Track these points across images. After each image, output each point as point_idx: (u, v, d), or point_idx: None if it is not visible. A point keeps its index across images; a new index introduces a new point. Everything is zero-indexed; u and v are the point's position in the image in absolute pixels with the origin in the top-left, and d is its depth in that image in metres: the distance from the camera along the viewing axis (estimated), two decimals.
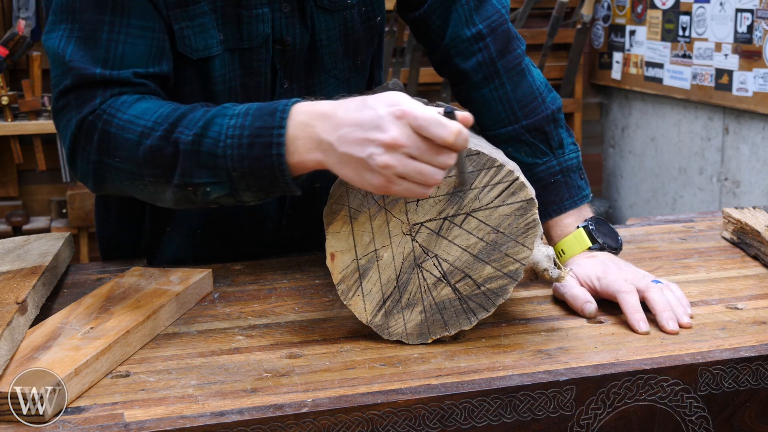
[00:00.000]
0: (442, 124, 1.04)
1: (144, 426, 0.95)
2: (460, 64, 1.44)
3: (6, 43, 3.28)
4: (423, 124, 1.04)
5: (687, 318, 1.22)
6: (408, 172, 1.06)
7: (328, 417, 0.99)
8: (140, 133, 1.18)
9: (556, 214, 1.40)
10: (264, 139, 1.12)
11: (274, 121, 1.13)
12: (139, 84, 1.24)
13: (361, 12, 1.46)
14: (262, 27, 1.35)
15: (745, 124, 3.43)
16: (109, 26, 1.23)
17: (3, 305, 1.16)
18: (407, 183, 1.07)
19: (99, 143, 1.21)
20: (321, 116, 1.11)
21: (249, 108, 1.16)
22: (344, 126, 1.08)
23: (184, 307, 1.29)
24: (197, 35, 1.30)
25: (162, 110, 1.19)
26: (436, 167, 1.07)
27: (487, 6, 1.44)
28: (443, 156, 1.06)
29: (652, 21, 3.82)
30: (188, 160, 1.15)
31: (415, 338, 1.17)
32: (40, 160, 3.48)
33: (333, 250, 1.17)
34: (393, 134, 1.05)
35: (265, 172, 1.13)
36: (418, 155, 1.06)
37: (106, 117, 1.21)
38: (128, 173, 1.20)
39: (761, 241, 1.48)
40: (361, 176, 1.08)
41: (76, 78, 1.22)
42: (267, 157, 1.13)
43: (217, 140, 1.14)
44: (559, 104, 1.44)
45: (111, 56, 1.23)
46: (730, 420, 1.12)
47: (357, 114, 1.08)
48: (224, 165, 1.14)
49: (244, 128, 1.14)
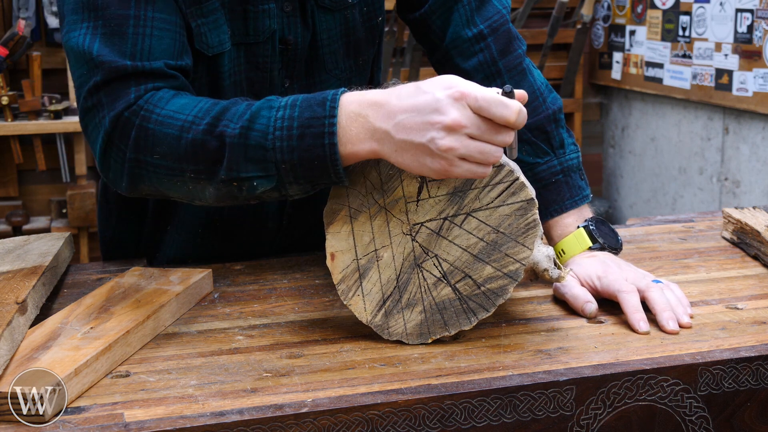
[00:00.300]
0: (504, 104, 1.05)
1: (144, 426, 0.95)
2: (460, 64, 1.44)
3: (6, 43, 3.28)
4: (484, 104, 1.04)
5: (687, 318, 1.22)
6: (470, 152, 1.06)
7: (328, 417, 0.99)
8: (180, 127, 1.15)
9: (557, 213, 1.40)
10: (315, 130, 1.11)
11: (325, 111, 1.11)
12: (172, 76, 1.22)
13: (362, 12, 1.46)
14: (269, 22, 1.35)
15: (745, 124, 3.43)
16: (134, 20, 1.21)
17: (3, 305, 1.16)
18: (468, 164, 1.07)
19: (136, 140, 1.17)
20: (373, 105, 1.10)
21: (296, 99, 1.14)
22: (400, 113, 1.07)
23: (184, 307, 1.29)
24: (212, 32, 1.30)
25: (201, 105, 1.17)
26: (497, 145, 1.07)
27: (488, 6, 1.44)
28: (503, 134, 1.06)
29: (652, 21, 3.82)
30: (235, 153, 1.13)
31: (415, 338, 1.17)
32: (40, 160, 3.48)
33: (333, 250, 1.17)
34: (454, 116, 1.04)
35: (317, 162, 1.11)
36: (479, 135, 1.06)
37: (144, 113, 1.17)
38: (167, 170, 1.17)
39: (761, 241, 1.48)
40: (421, 162, 1.07)
41: (107, 72, 1.19)
42: (319, 147, 1.11)
43: (265, 133, 1.12)
44: (559, 104, 1.44)
45: (139, 50, 1.20)
46: (730, 420, 1.12)
47: (412, 100, 1.07)
48: (273, 158, 1.12)
49: (293, 119, 1.12)
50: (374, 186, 1.16)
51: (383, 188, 1.16)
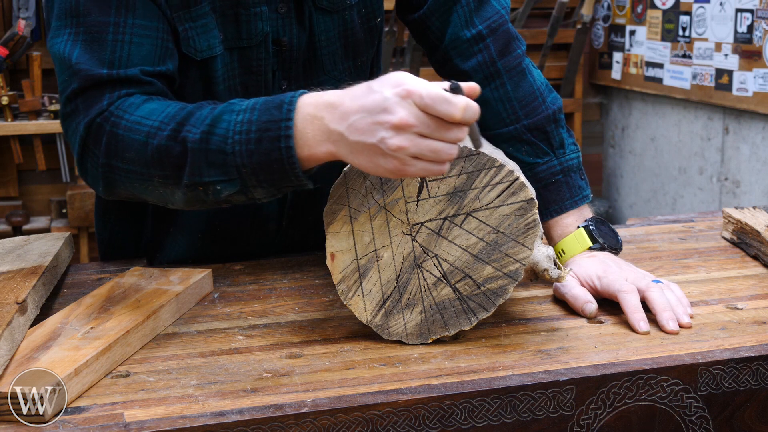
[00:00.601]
0: (448, 101, 1.03)
1: (144, 426, 0.95)
2: (460, 64, 1.44)
3: (6, 43, 3.28)
4: (429, 102, 1.03)
5: (687, 318, 1.22)
6: (421, 151, 1.05)
7: (328, 417, 0.99)
8: (147, 133, 1.17)
9: (557, 213, 1.40)
10: (272, 133, 1.11)
11: (282, 114, 1.11)
12: (147, 82, 1.23)
13: (360, 13, 1.46)
14: (261, 25, 1.35)
15: (745, 124, 3.43)
16: (114, 27, 1.23)
17: (3, 305, 1.16)
18: (422, 162, 1.06)
19: (107, 146, 1.19)
20: (328, 106, 1.09)
21: (256, 102, 1.14)
22: (352, 114, 1.07)
23: (184, 307, 1.29)
24: (200, 36, 1.30)
25: (169, 110, 1.18)
26: (449, 142, 1.06)
27: (487, 7, 1.44)
28: (453, 131, 1.05)
29: (652, 21, 3.82)
30: (197, 158, 1.14)
31: (415, 338, 1.17)
32: (40, 160, 3.48)
33: (333, 250, 1.17)
34: (401, 115, 1.04)
35: (275, 166, 1.12)
36: (429, 133, 1.04)
37: (114, 119, 1.19)
38: (137, 175, 1.19)
39: (761, 241, 1.48)
40: (375, 162, 1.07)
41: (83, 80, 1.21)
42: (276, 150, 1.11)
43: (225, 137, 1.13)
44: (559, 104, 1.44)
45: (117, 57, 1.22)
46: (730, 420, 1.12)
47: (363, 100, 1.07)
48: (233, 162, 1.13)
49: (252, 123, 1.12)
50: (374, 186, 1.16)
51: (383, 188, 1.16)
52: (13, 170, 3.63)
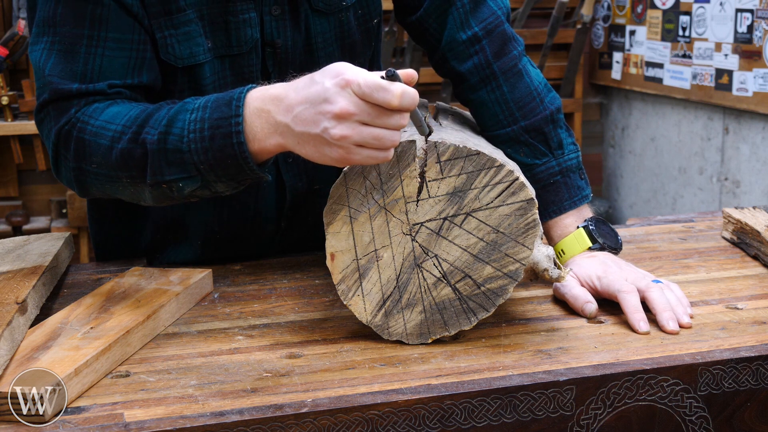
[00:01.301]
0: (384, 89, 1.05)
1: (144, 426, 0.95)
2: (456, 67, 1.44)
3: (6, 43, 3.28)
4: (366, 90, 1.05)
5: (687, 318, 1.22)
6: (364, 138, 1.07)
7: (328, 417, 0.99)
8: (111, 138, 1.21)
9: (556, 214, 1.40)
10: (224, 130, 1.15)
11: (231, 111, 1.15)
12: (114, 94, 1.27)
13: (357, 14, 1.46)
14: (251, 32, 1.35)
15: (745, 124, 3.43)
16: (87, 40, 1.26)
17: (3, 305, 1.16)
18: (366, 150, 1.08)
19: (75, 151, 1.24)
20: (274, 99, 1.12)
21: (208, 100, 1.18)
22: (296, 105, 1.09)
23: (184, 307, 1.29)
24: (181, 43, 1.31)
25: (131, 113, 1.22)
26: (391, 129, 1.08)
27: (483, 8, 1.43)
28: (394, 118, 1.07)
29: (652, 21, 3.82)
30: (156, 159, 1.18)
31: (415, 338, 1.17)
32: (40, 160, 3.48)
33: (333, 250, 1.17)
34: (341, 105, 1.06)
35: (230, 161, 1.15)
36: (370, 121, 1.07)
37: (80, 125, 1.24)
38: (106, 177, 1.24)
39: (761, 241, 1.48)
40: (321, 152, 1.09)
41: (53, 93, 1.26)
42: (229, 146, 1.14)
43: (181, 136, 1.17)
44: (558, 104, 1.43)
45: (89, 69, 1.26)
46: (730, 420, 1.12)
47: (306, 91, 1.09)
48: (191, 159, 1.17)
49: (204, 121, 1.16)
50: (374, 186, 1.16)
51: (383, 188, 1.16)
52: (13, 170, 3.63)
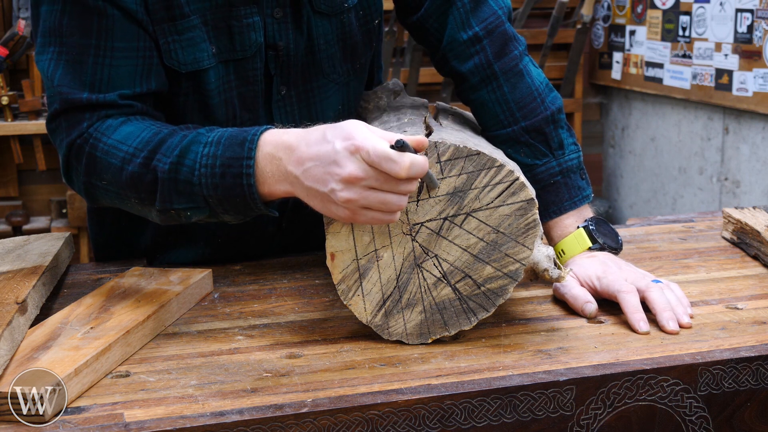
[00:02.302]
0: (393, 160, 1.05)
1: (144, 426, 0.95)
2: (457, 67, 1.44)
3: (6, 43, 3.28)
4: (375, 159, 1.06)
5: (687, 318, 1.22)
6: (370, 203, 1.08)
7: (328, 417, 0.99)
8: (122, 158, 1.22)
9: (556, 214, 1.40)
10: (235, 170, 1.16)
11: (243, 152, 1.16)
12: (126, 105, 1.27)
13: (358, 15, 1.46)
14: (255, 36, 1.35)
15: (745, 124, 3.43)
16: (94, 50, 1.26)
17: (3, 305, 1.16)
18: (372, 212, 1.09)
19: (87, 166, 1.25)
20: (286, 149, 1.13)
21: (222, 136, 1.19)
22: (307, 160, 1.10)
23: (184, 307, 1.29)
24: (185, 49, 1.31)
25: (143, 134, 1.23)
26: (399, 194, 1.08)
27: (484, 8, 1.43)
28: (402, 185, 1.08)
29: (652, 21, 3.82)
30: (167, 187, 1.19)
31: (415, 338, 1.17)
32: (40, 160, 3.48)
33: (333, 250, 1.17)
34: (350, 170, 1.07)
35: (238, 199, 1.17)
36: (378, 186, 1.07)
37: (93, 141, 1.25)
38: (116, 194, 1.25)
39: (761, 241, 1.48)
40: (328, 209, 1.11)
41: (63, 103, 1.26)
42: (239, 186, 1.16)
43: (192, 168, 1.18)
44: (559, 104, 1.43)
45: (98, 79, 1.26)
46: (730, 420, 1.12)
47: (317, 148, 1.10)
48: (200, 192, 1.18)
49: (216, 158, 1.17)
50: None
51: None
52: (13, 170, 3.63)
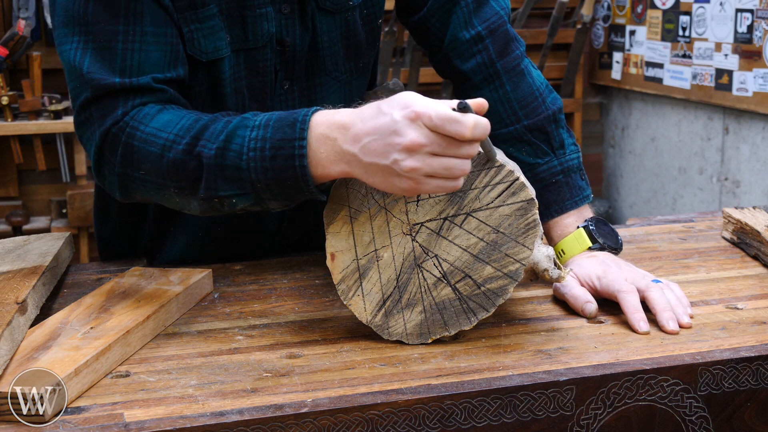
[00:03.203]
0: (457, 121, 1.05)
1: (144, 426, 0.95)
2: (459, 65, 1.44)
3: (6, 43, 3.28)
4: (438, 123, 1.05)
5: (687, 318, 1.22)
6: (434, 170, 1.07)
7: (328, 417, 0.99)
8: (162, 146, 1.18)
9: (557, 214, 1.40)
10: (286, 152, 1.13)
11: (295, 133, 1.13)
12: (159, 90, 1.25)
13: (362, 14, 1.46)
14: (267, 26, 1.35)
15: (745, 124, 3.43)
16: (123, 35, 1.23)
17: (3, 305, 1.16)
18: (436, 180, 1.08)
19: (123, 156, 1.21)
20: (341, 127, 1.11)
21: (270, 119, 1.16)
22: (364, 136, 1.08)
23: (184, 307, 1.29)
24: (207, 37, 1.30)
25: (184, 122, 1.20)
26: (461, 158, 1.07)
27: (486, 8, 1.44)
28: (465, 148, 1.07)
29: (652, 21, 3.82)
30: (212, 173, 1.16)
31: (415, 338, 1.17)
32: (40, 160, 3.47)
33: (333, 250, 1.17)
34: (411, 137, 1.05)
35: (290, 182, 1.14)
36: (441, 152, 1.06)
37: (129, 130, 1.21)
38: (153, 184, 1.21)
39: (761, 241, 1.48)
40: (390, 182, 1.09)
41: (95, 89, 1.22)
42: (290, 168, 1.13)
43: (240, 153, 1.15)
44: (559, 105, 1.44)
45: (128, 65, 1.23)
46: (730, 420, 1.12)
47: (374, 122, 1.08)
48: (248, 177, 1.15)
49: (266, 140, 1.14)
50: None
51: None
52: (13, 170, 3.63)
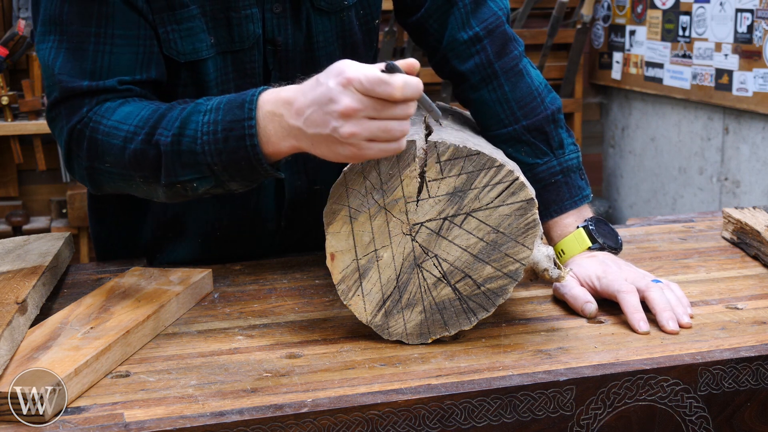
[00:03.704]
0: (386, 82, 1.06)
1: (144, 426, 0.95)
2: (458, 66, 1.44)
3: (6, 43, 3.28)
4: (368, 86, 1.06)
5: (687, 318, 1.22)
6: (373, 133, 1.08)
7: (328, 417, 0.99)
8: (124, 138, 1.22)
9: (557, 214, 1.40)
10: (237, 132, 1.16)
11: (244, 113, 1.16)
12: (124, 90, 1.28)
13: (359, 14, 1.46)
14: (253, 27, 1.35)
15: (745, 124, 3.43)
16: (95, 38, 1.27)
17: (3, 305, 1.16)
18: (378, 144, 1.09)
19: (88, 150, 1.25)
20: (286, 103, 1.14)
21: (220, 102, 1.19)
22: (306, 108, 1.11)
23: (184, 307, 1.29)
24: (184, 39, 1.31)
25: (143, 113, 1.23)
26: (399, 119, 1.09)
27: (484, 8, 1.44)
28: (400, 108, 1.08)
29: (652, 21, 3.82)
30: (170, 160, 1.19)
31: (415, 338, 1.17)
32: (40, 160, 3.47)
33: (333, 250, 1.17)
34: (345, 103, 1.07)
35: (243, 163, 1.17)
36: (376, 114, 1.08)
37: (93, 125, 1.25)
38: (119, 176, 1.25)
39: (761, 241, 1.48)
40: (335, 151, 1.11)
41: (63, 91, 1.27)
42: (242, 149, 1.16)
43: (194, 138, 1.18)
44: (558, 105, 1.44)
45: (98, 67, 1.27)
46: (730, 420, 1.12)
47: (312, 93, 1.10)
48: (204, 161, 1.18)
49: (218, 123, 1.17)
50: (374, 186, 1.16)
51: (383, 188, 1.16)
52: (13, 170, 3.63)
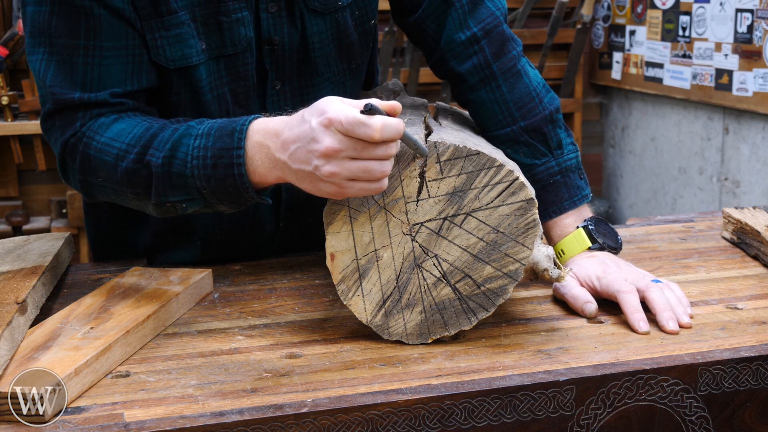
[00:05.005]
0: (365, 124, 1.07)
1: (144, 426, 0.95)
2: (456, 67, 1.44)
3: (6, 43, 3.28)
4: (348, 127, 1.07)
5: (687, 318, 1.22)
6: (354, 173, 1.09)
7: (328, 417, 0.99)
8: (116, 155, 1.24)
9: (556, 214, 1.40)
10: (225, 160, 1.18)
11: (233, 142, 1.18)
12: (117, 104, 1.29)
13: (354, 15, 1.45)
14: (244, 31, 1.35)
15: (745, 124, 3.43)
16: (84, 50, 1.27)
17: (3, 305, 1.16)
18: (359, 183, 1.10)
19: (81, 164, 1.27)
20: (273, 135, 1.15)
21: (211, 127, 1.20)
22: (291, 143, 1.12)
23: (184, 307, 1.29)
24: (172, 45, 1.31)
25: (135, 131, 1.24)
26: (379, 159, 1.09)
27: (482, 9, 1.43)
28: (380, 149, 1.09)
29: (652, 21, 3.82)
30: (161, 181, 1.21)
31: (415, 338, 1.17)
32: (40, 160, 3.47)
33: (333, 250, 1.17)
34: (327, 143, 1.08)
35: (231, 189, 1.19)
36: (357, 155, 1.08)
37: (86, 140, 1.27)
38: (112, 190, 1.27)
39: (761, 241, 1.48)
40: (317, 187, 1.12)
41: (56, 103, 1.28)
42: (230, 177, 1.18)
43: (185, 161, 1.20)
44: (557, 105, 1.43)
45: (89, 79, 1.28)
46: (730, 420, 1.12)
47: (298, 129, 1.12)
48: (194, 184, 1.20)
49: (207, 149, 1.19)
50: None
51: None
52: (13, 170, 3.63)
